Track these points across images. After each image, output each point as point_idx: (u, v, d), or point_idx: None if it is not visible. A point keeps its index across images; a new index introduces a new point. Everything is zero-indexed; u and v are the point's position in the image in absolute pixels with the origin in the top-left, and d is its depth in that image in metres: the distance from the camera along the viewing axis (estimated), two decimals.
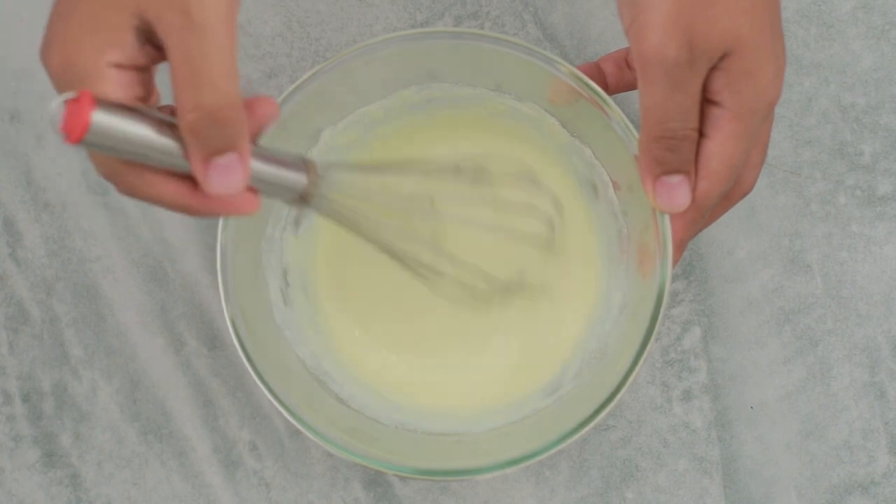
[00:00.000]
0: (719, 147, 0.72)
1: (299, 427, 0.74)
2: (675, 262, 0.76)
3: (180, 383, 0.87)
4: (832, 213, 0.87)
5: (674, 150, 0.72)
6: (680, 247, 0.76)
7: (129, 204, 0.87)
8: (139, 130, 0.63)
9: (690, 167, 0.73)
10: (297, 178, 0.70)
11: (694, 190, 0.74)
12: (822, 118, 0.87)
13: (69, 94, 0.62)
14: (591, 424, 0.74)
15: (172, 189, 0.66)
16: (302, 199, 0.70)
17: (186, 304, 0.87)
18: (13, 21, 0.88)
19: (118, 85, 0.65)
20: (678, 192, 0.73)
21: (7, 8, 0.88)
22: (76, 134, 0.61)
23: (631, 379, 0.73)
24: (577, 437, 0.73)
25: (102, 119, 0.62)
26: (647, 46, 0.69)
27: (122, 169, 0.66)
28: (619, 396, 0.73)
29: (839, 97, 0.87)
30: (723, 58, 0.70)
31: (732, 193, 0.76)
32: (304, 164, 0.70)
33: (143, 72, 0.66)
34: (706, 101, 0.72)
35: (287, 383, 0.76)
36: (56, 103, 0.62)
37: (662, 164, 0.73)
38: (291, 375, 0.79)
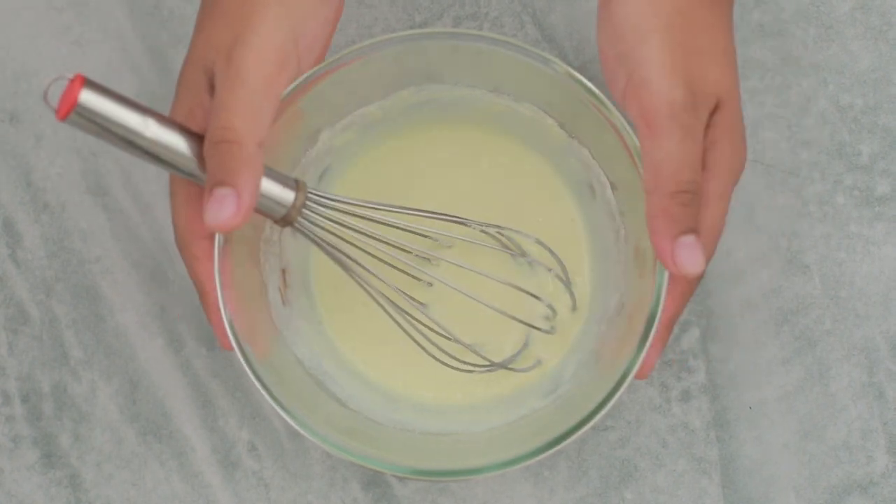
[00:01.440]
0: (707, 210, 0.71)
1: (297, 428, 0.74)
2: (664, 343, 0.75)
3: (179, 384, 0.87)
4: (830, 213, 0.87)
5: (687, 205, 0.69)
6: (669, 326, 0.74)
7: (129, 204, 0.87)
8: (123, 115, 0.67)
9: (698, 225, 0.70)
10: (285, 195, 0.71)
11: None
12: (821, 119, 0.87)
13: (65, 74, 0.67)
14: (590, 424, 0.73)
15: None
16: (286, 219, 0.72)
17: (186, 305, 0.87)
18: (13, 22, 0.88)
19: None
20: (696, 253, 0.69)
21: (7, 8, 0.88)
22: (64, 110, 0.66)
23: (629, 380, 0.73)
24: (575, 437, 0.73)
25: (89, 98, 0.66)
26: (653, 96, 0.69)
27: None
28: (616, 396, 0.73)
29: (837, 98, 0.87)
30: (713, 111, 0.70)
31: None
32: (295, 184, 0.72)
33: None
34: None
35: (285, 384, 0.76)
36: (50, 80, 0.67)
37: (678, 222, 0.69)
38: (290, 376, 0.79)
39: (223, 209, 0.67)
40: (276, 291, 0.82)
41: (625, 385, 0.73)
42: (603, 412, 0.73)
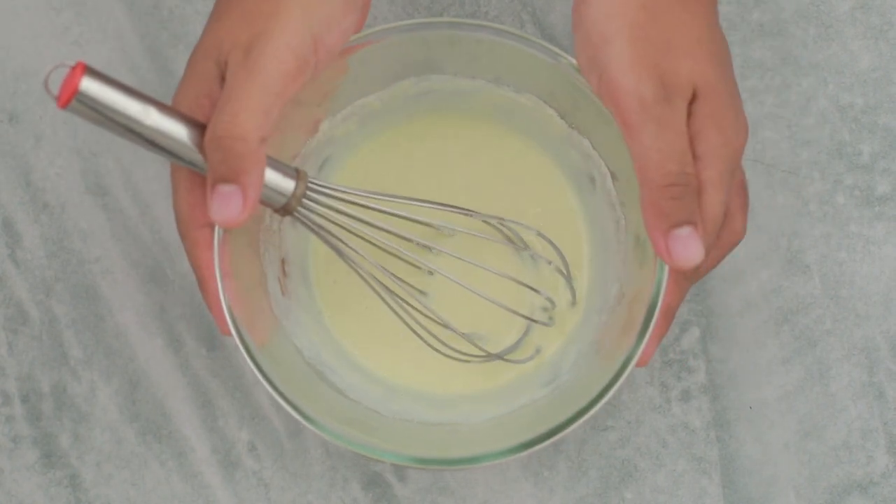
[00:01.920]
0: (701, 199, 0.71)
1: (297, 417, 0.74)
2: (663, 332, 0.74)
3: (179, 384, 0.87)
4: (830, 213, 0.87)
5: (678, 198, 0.69)
6: (669, 314, 0.74)
7: (129, 204, 0.87)
8: (124, 102, 0.67)
9: (697, 217, 0.70)
10: (285, 184, 0.71)
11: None
12: (821, 118, 0.87)
13: (66, 62, 0.67)
14: (589, 414, 0.73)
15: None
16: (286, 208, 0.72)
17: (185, 305, 0.87)
18: (13, 22, 0.89)
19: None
20: (692, 245, 0.69)
21: (7, 8, 0.89)
22: (65, 97, 0.66)
23: (628, 370, 0.73)
24: (574, 426, 0.73)
25: (90, 86, 0.66)
26: (623, 94, 0.70)
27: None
28: (616, 386, 0.73)
29: (837, 97, 0.88)
30: (692, 101, 0.70)
31: (724, 243, 0.75)
32: (295, 173, 0.72)
33: None
34: None
35: (285, 374, 0.76)
36: (51, 67, 0.67)
37: (669, 216, 0.69)
38: (289, 366, 0.79)
39: (229, 207, 0.67)
40: (276, 282, 0.81)
41: (624, 375, 0.73)
42: (602, 402, 0.73)
